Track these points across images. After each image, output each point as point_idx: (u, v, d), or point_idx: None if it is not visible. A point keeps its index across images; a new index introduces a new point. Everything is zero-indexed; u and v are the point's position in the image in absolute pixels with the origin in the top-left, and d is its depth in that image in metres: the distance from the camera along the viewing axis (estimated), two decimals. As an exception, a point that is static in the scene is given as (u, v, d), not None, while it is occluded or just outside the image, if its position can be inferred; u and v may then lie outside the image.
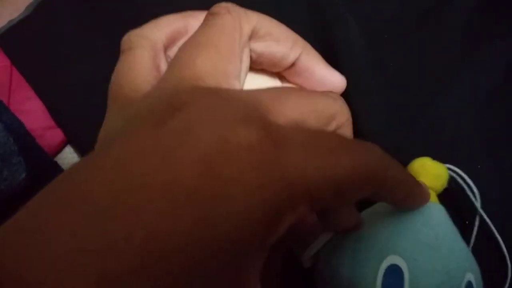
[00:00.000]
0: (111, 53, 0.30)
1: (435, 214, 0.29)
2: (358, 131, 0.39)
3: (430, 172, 0.31)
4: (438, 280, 0.26)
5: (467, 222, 0.35)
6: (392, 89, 0.41)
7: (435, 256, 0.26)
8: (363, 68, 0.41)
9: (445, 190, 0.32)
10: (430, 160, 0.31)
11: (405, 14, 0.43)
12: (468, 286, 0.27)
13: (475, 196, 0.33)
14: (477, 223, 0.33)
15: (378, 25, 0.43)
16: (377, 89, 0.41)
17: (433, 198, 0.30)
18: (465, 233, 0.32)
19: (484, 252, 0.32)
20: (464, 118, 0.39)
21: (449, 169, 0.33)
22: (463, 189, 0.33)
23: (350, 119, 0.28)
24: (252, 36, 0.26)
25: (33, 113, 0.43)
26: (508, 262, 0.33)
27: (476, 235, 0.33)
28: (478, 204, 0.33)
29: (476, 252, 0.30)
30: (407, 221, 0.28)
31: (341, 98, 0.29)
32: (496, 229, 0.33)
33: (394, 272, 0.26)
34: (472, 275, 0.27)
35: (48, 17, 0.45)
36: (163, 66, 0.26)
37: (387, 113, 0.40)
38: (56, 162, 0.43)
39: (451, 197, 0.33)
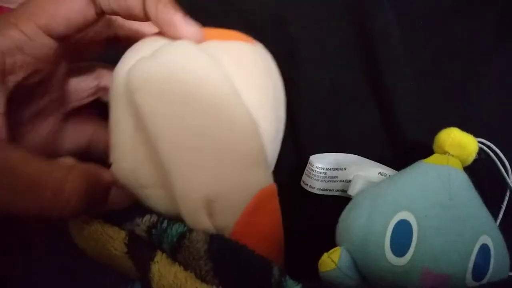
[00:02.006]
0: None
1: (453, 177, 0.29)
2: (392, 116, 0.40)
3: (456, 141, 0.30)
4: (447, 238, 0.26)
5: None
6: (427, 76, 0.41)
7: (446, 215, 0.27)
8: (399, 54, 0.41)
9: (478, 165, 0.32)
10: (456, 129, 0.31)
11: (441, 1, 0.43)
12: (484, 248, 0.27)
13: (506, 171, 0.32)
14: (507, 197, 0.33)
15: (413, 11, 0.43)
16: (412, 75, 0.41)
17: (457, 165, 0.30)
18: (494, 209, 0.31)
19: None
20: (498, 105, 0.39)
21: (481, 143, 0.32)
22: (495, 164, 0.32)
23: None
24: None
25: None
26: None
27: (505, 212, 0.33)
28: (509, 179, 0.32)
29: (505, 227, 0.30)
30: (423, 182, 0.28)
31: None
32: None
33: (403, 227, 0.27)
34: (489, 238, 0.27)
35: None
36: None
37: (421, 99, 0.40)
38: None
39: (483, 171, 0.32)
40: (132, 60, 0.27)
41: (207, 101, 0.25)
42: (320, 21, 0.44)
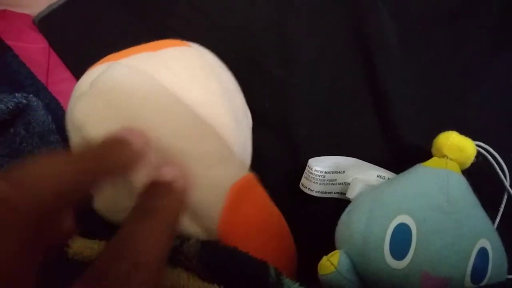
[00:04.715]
0: (147, 38, 0.32)
1: (452, 181, 0.29)
2: (389, 118, 0.40)
3: (454, 144, 0.31)
4: (446, 241, 0.26)
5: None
6: (424, 80, 0.42)
7: (444, 218, 0.27)
8: (396, 58, 0.42)
9: (476, 168, 0.32)
10: (455, 133, 0.31)
11: (438, 6, 0.43)
12: (482, 252, 0.27)
13: (504, 174, 0.32)
14: (504, 200, 0.33)
15: (411, 16, 0.43)
16: (409, 79, 0.41)
17: (455, 168, 0.30)
18: (492, 211, 0.31)
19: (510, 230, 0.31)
20: (495, 110, 0.39)
21: (479, 146, 0.32)
22: (493, 167, 0.33)
23: None
24: None
25: (69, 93, 0.45)
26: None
27: (503, 214, 0.33)
28: (507, 182, 0.32)
29: (502, 230, 0.30)
30: (421, 186, 0.29)
31: None
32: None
33: (403, 230, 0.27)
34: (488, 242, 0.27)
35: (85, 3, 0.47)
36: None
37: (418, 102, 0.41)
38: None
39: (481, 174, 0.33)
40: (75, 97, 0.28)
41: (151, 117, 0.26)
42: (318, 27, 0.44)
